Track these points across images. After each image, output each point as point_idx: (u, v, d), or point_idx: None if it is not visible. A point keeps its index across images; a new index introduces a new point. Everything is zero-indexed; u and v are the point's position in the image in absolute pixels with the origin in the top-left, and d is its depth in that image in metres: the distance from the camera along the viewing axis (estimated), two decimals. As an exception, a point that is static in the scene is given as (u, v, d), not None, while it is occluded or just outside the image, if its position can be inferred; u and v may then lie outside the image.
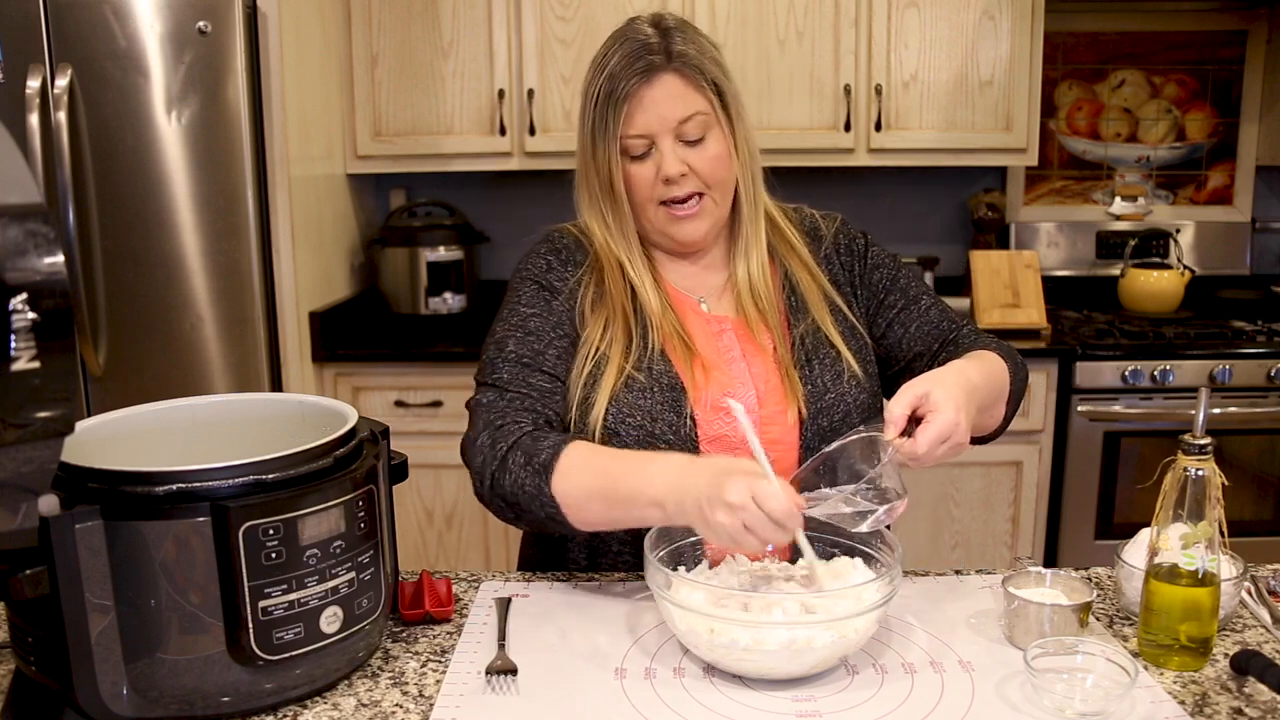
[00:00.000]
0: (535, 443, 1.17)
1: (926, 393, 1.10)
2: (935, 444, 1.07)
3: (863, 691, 1.00)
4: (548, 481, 1.14)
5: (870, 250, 1.40)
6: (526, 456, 1.16)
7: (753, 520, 0.99)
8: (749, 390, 1.28)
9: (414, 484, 2.76)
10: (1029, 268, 2.85)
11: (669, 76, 1.24)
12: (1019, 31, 2.81)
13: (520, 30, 2.81)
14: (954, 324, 1.38)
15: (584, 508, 1.14)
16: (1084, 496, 2.73)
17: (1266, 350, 2.67)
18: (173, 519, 0.89)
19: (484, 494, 1.20)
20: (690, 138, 1.26)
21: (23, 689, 0.95)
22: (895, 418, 1.09)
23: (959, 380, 1.13)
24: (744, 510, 0.99)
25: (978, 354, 1.28)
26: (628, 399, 1.25)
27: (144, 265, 2.40)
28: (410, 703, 0.99)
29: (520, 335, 1.28)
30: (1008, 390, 1.29)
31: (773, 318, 1.33)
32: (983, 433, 1.31)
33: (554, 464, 1.14)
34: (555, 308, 1.31)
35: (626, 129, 1.25)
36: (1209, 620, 1.02)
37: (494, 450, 1.19)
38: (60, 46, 2.31)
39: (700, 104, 1.26)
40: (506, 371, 1.26)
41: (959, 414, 1.08)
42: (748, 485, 1.00)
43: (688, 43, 1.26)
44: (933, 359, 1.34)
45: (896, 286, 1.38)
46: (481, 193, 3.25)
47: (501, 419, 1.21)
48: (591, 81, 1.28)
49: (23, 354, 0.70)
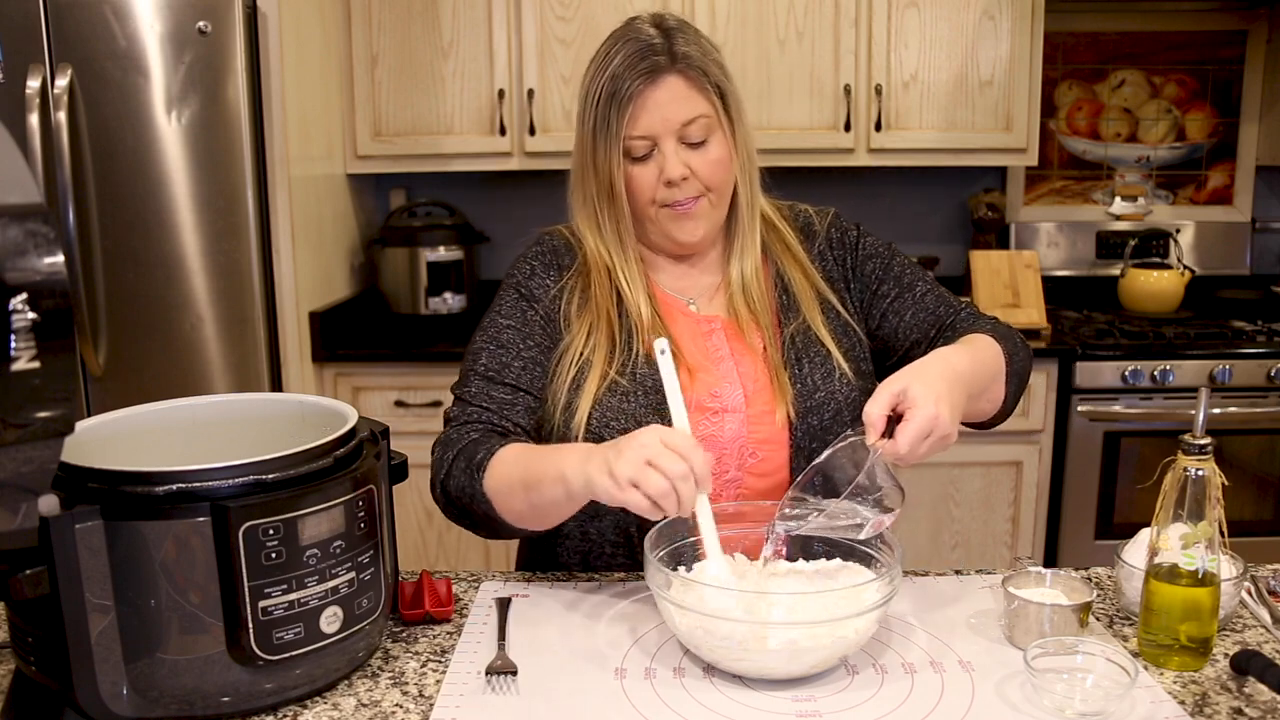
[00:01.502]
0: (475, 447, 1.21)
1: (904, 389, 1.07)
2: (917, 441, 1.05)
3: (863, 691, 1.00)
4: (480, 480, 1.18)
5: (862, 241, 1.39)
6: (466, 460, 1.20)
7: (655, 453, 1.01)
8: (736, 390, 1.28)
9: (414, 484, 2.75)
10: (1029, 268, 2.85)
11: (673, 78, 1.24)
12: (1019, 31, 2.81)
13: (520, 30, 2.81)
14: (951, 308, 1.36)
15: (509, 498, 1.17)
16: (1084, 496, 2.73)
17: (1266, 350, 2.67)
18: (173, 519, 0.89)
19: (438, 501, 1.26)
20: (693, 140, 1.26)
21: (23, 689, 0.95)
22: (874, 420, 1.07)
23: (941, 370, 1.11)
24: (647, 447, 1.01)
25: (968, 338, 1.26)
26: (611, 403, 1.25)
27: (144, 265, 2.40)
28: (410, 703, 0.99)
29: (492, 348, 1.30)
30: (1003, 371, 1.26)
31: (764, 318, 1.32)
32: (981, 418, 1.29)
33: (486, 463, 1.18)
34: (530, 318, 1.31)
35: (630, 130, 1.24)
36: (1209, 620, 1.02)
37: (443, 460, 1.24)
38: (60, 46, 2.31)
39: (704, 107, 1.25)
40: (474, 385, 1.29)
41: (939, 406, 1.05)
42: (654, 429, 1.04)
43: (690, 44, 1.25)
44: (930, 345, 1.32)
45: (890, 275, 1.37)
46: (481, 193, 3.25)
47: (457, 431, 1.26)
48: (593, 81, 1.27)
49: (23, 354, 0.70)
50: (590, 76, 1.28)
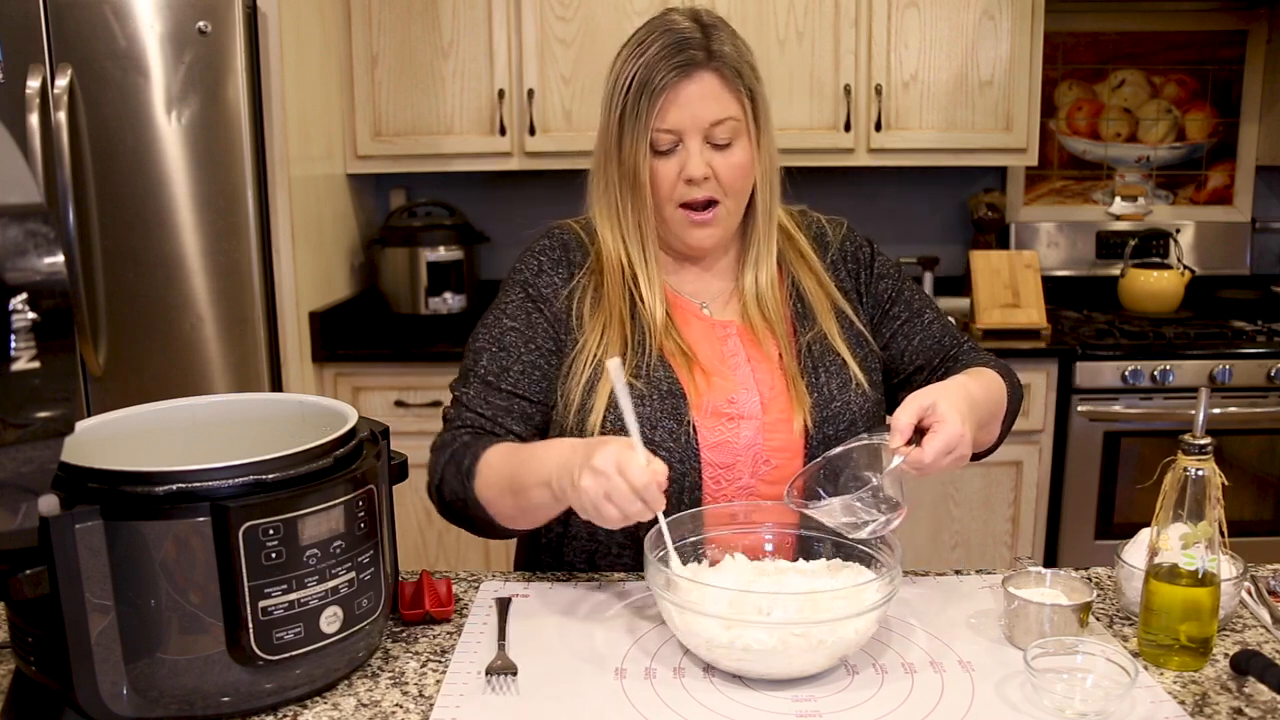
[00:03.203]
0: (464, 451, 1.21)
1: (933, 404, 1.10)
2: (941, 454, 1.08)
3: (863, 691, 1.00)
4: (472, 486, 1.19)
5: (876, 259, 1.40)
6: (456, 465, 1.21)
7: (613, 488, 1.01)
8: (753, 396, 1.27)
9: (414, 484, 2.73)
10: (1029, 268, 2.85)
11: (708, 75, 1.22)
12: (1019, 31, 2.81)
13: (520, 30, 2.81)
14: (955, 340, 1.39)
15: (500, 503, 1.18)
16: (1084, 496, 2.73)
17: (1266, 350, 2.67)
18: (173, 519, 0.89)
19: (436, 506, 1.27)
20: (718, 141, 1.24)
21: (23, 689, 0.95)
22: (902, 426, 1.09)
23: (962, 394, 1.14)
24: (606, 477, 1.02)
25: (978, 371, 1.28)
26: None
27: (144, 265, 2.40)
28: (410, 703, 0.99)
29: (494, 350, 1.30)
30: (1004, 409, 1.31)
31: (779, 326, 1.32)
32: (979, 449, 1.31)
33: (475, 468, 1.19)
34: (535, 320, 1.30)
35: (659, 123, 1.22)
36: (1209, 620, 1.02)
37: (436, 465, 1.25)
38: (60, 46, 2.31)
39: (734, 109, 1.23)
40: (473, 388, 1.29)
41: (964, 425, 1.09)
42: (615, 454, 1.02)
43: (726, 43, 1.23)
44: (933, 373, 1.35)
45: (901, 298, 1.38)
46: (481, 193, 3.25)
47: (451, 434, 1.27)
48: (625, 67, 1.23)
49: (23, 354, 0.70)
50: (622, 61, 1.24)
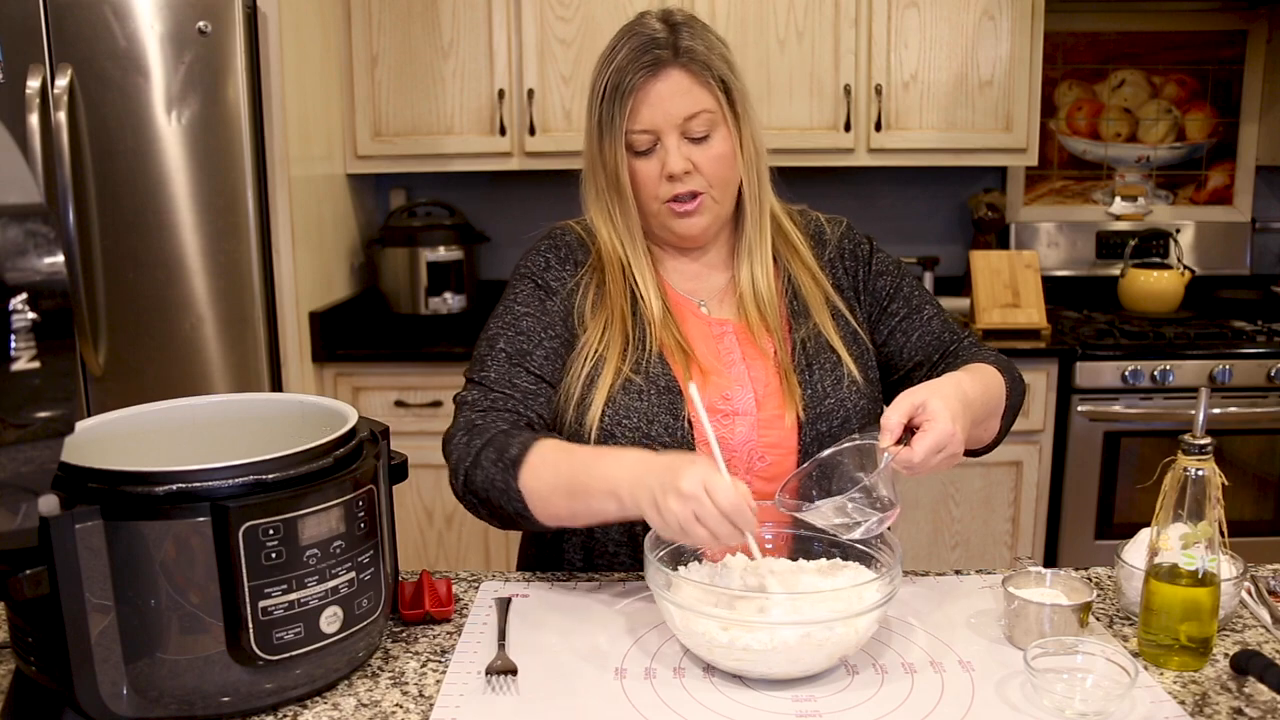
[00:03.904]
0: (507, 439, 1.19)
1: (923, 402, 1.09)
2: (931, 453, 1.07)
3: (863, 691, 1.00)
4: (515, 476, 1.16)
5: (875, 256, 1.40)
6: (498, 453, 1.18)
7: (703, 511, 1.00)
8: (748, 393, 1.28)
9: (414, 484, 2.76)
10: (1029, 268, 2.85)
11: (675, 72, 1.23)
12: (1019, 31, 2.81)
13: (520, 30, 2.81)
14: (955, 335, 1.38)
15: (548, 501, 1.16)
16: (1084, 496, 2.73)
17: (1266, 350, 2.67)
18: (173, 519, 0.89)
19: (458, 489, 1.23)
20: (695, 135, 1.25)
21: (23, 689, 0.95)
22: (892, 425, 1.09)
23: (956, 392, 1.13)
24: (695, 500, 1.00)
25: (976, 367, 1.28)
26: (624, 401, 1.25)
27: (144, 265, 2.40)
28: (410, 703, 0.99)
29: (511, 334, 1.29)
30: (1004, 405, 1.29)
31: (774, 321, 1.32)
32: (977, 446, 1.31)
33: (523, 459, 1.16)
34: (549, 308, 1.31)
35: (631, 124, 1.24)
36: (1209, 620, 1.02)
37: (469, 447, 1.21)
38: (60, 46, 2.31)
39: (707, 101, 1.25)
40: (494, 370, 1.27)
41: (955, 424, 1.08)
42: (701, 476, 1.01)
43: (695, 38, 1.25)
44: (932, 369, 1.35)
45: (900, 294, 1.38)
46: (481, 193, 3.25)
47: (481, 417, 1.23)
48: (599, 75, 1.27)
49: (23, 354, 0.70)
50: (597, 70, 1.28)
